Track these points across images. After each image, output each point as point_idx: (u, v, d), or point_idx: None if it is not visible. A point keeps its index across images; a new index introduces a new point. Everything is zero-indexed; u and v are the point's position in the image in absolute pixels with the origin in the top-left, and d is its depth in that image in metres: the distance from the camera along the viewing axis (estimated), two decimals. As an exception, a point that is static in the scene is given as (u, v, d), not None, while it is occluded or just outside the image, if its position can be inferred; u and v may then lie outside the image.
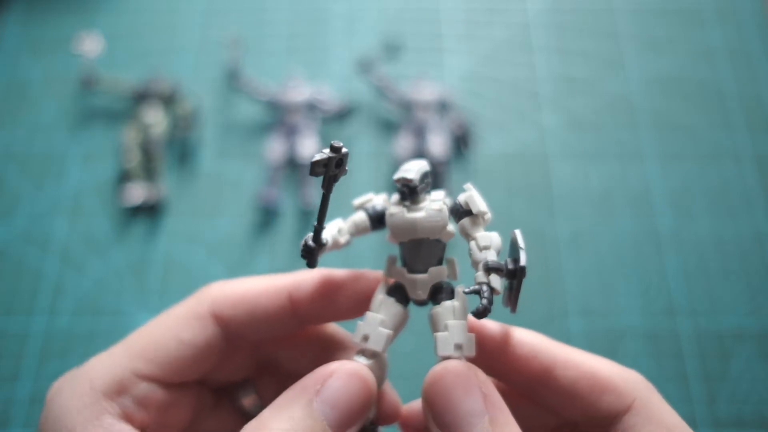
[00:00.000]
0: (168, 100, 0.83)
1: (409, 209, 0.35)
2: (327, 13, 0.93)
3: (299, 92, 0.83)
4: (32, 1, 0.94)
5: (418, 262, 0.35)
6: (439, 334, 0.33)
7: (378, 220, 0.37)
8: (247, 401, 0.41)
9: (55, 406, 0.33)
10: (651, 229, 0.77)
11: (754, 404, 0.67)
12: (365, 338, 0.34)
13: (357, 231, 0.37)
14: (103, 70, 0.86)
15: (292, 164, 0.81)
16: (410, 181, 0.34)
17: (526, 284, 0.75)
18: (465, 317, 0.34)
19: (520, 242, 0.34)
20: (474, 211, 0.35)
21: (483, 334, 0.36)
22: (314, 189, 0.78)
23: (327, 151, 0.30)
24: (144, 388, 0.34)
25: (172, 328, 0.36)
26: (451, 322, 0.33)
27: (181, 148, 0.83)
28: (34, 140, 0.83)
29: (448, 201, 0.36)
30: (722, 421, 0.66)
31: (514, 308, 0.35)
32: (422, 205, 0.35)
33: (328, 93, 0.84)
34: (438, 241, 0.36)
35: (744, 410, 0.67)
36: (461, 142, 0.81)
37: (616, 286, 0.74)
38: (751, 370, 0.69)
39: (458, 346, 0.33)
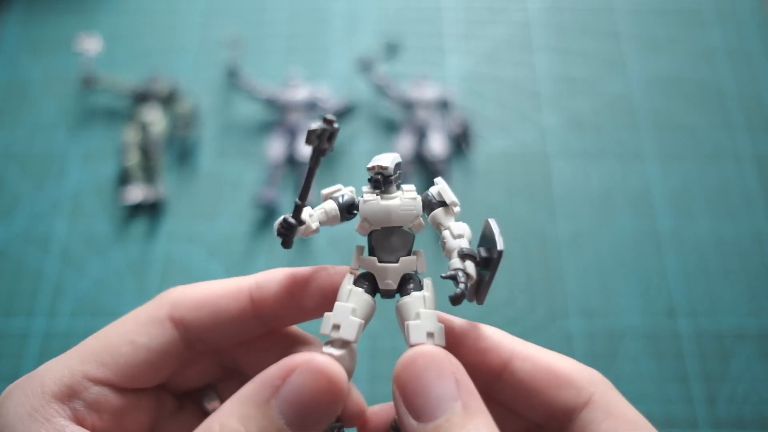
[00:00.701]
0: (168, 100, 0.83)
1: (383, 197, 0.35)
2: (327, 12, 0.93)
3: (299, 91, 0.83)
4: (32, 1, 0.94)
5: (389, 252, 0.35)
6: (411, 322, 0.33)
7: (347, 210, 0.37)
8: (211, 406, 0.40)
9: (4, 411, 0.32)
10: (651, 229, 0.77)
11: (754, 404, 0.67)
12: (336, 327, 0.33)
13: (327, 219, 0.36)
14: (102, 71, 0.86)
15: (291, 163, 0.81)
16: (385, 168, 0.35)
17: (528, 284, 0.75)
18: (435, 307, 0.34)
19: (496, 228, 0.34)
20: (447, 201, 0.35)
21: (450, 327, 0.35)
22: (314, 189, 0.78)
23: (321, 122, 0.30)
24: (96, 392, 0.33)
25: (127, 332, 0.35)
26: (423, 311, 0.33)
27: (180, 147, 0.83)
28: (34, 140, 0.83)
29: (419, 194, 0.36)
30: (722, 421, 0.66)
31: (481, 300, 0.35)
32: (395, 194, 0.36)
33: (328, 92, 0.83)
34: (409, 231, 0.36)
35: (744, 410, 0.67)
36: (462, 141, 0.81)
37: (617, 286, 0.73)
38: (751, 370, 0.69)
39: (430, 334, 0.32)
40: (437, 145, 0.79)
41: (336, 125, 0.30)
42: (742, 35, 0.90)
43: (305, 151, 0.79)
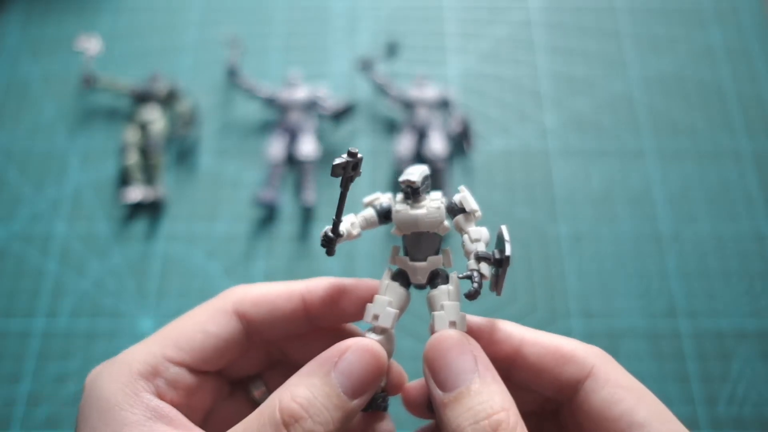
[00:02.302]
0: (167, 100, 0.83)
1: (412, 206, 0.41)
2: (327, 11, 0.93)
3: (299, 91, 0.82)
4: (32, 1, 0.94)
5: (419, 252, 0.41)
6: (436, 313, 0.39)
7: (384, 216, 0.42)
8: (258, 393, 0.46)
9: (97, 387, 0.38)
10: (652, 228, 0.77)
11: (754, 404, 0.67)
12: (375, 317, 0.40)
13: (367, 225, 0.43)
14: (102, 72, 0.86)
15: (291, 163, 0.81)
16: (413, 183, 0.40)
17: (529, 284, 0.75)
18: (458, 299, 0.40)
19: (506, 236, 0.39)
20: (467, 209, 0.41)
21: (469, 324, 0.41)
22: (314, 189, 0.78)
23: (345, 155, 0.36)
24: (174, 371, 0.39)
25: (200, 322, 0.41)
26: (447, 303, 0.39)
27: (180, 147, 0.83)
28: (34, 140, 0.83)
29: (445, 200, 0.42)
30: (723, 421, 0.66)
31: (499, 292, 0.40)
32: (423, 203, 0.41)
33: (328, 91, 0.83)
34: (436, 234, 0.41)
35: (744, 410, 0.67)
36: (464, 141, 0.81)
37: (617, 286, 0.73)
38: (751, 370, 0.69)
39: (452, 323, 0.39)
40: (437, 144, 0.78)
41: (359, 155, 0.36)
42: (742, 35, 0.90)
43: (305, 150, 0.79)
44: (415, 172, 0.40)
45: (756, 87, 0.86)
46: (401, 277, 0.42)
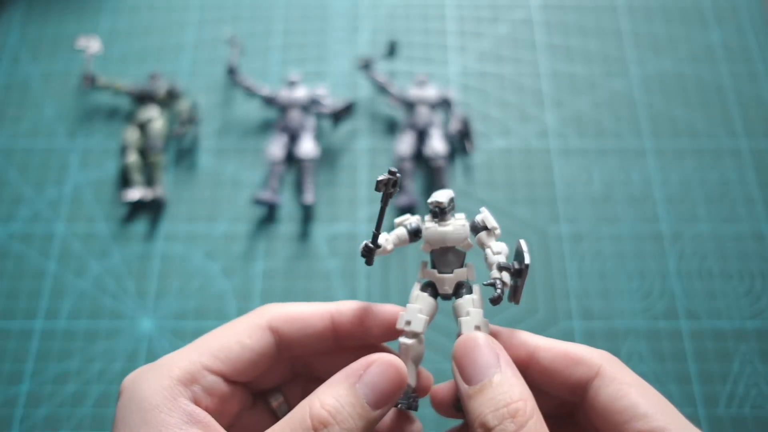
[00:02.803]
0: (167, 99, 0.83)
1: (440, 224, 0.46)
2: (327, 10, 0.93)
3: (298, 90, 0.82)
4: (32, 1, 0.94)
5: (446, 266, 0.47)
6: (463, 318, 0.44)
7: (414, 234, 0.48)
8: (275, 403, 0.49)
9: (138, 389, 0.40)
10: (653, 228, 0.77)
11: (754, 404, 0.67)
12: (408, 323, 0.45)
13: (399, 242, 0.48)
14: (102, 72, 0.86)
15: (291, 162, 0.81)
16: (441, 203, 0.46)
17: (533, 286, 0.75)
18: (482, 307, 0.45)
19: (525, 248, 0.44)
20: (489, 226, 0.47)
21: (492, 330, 0.45)
22: (313, 188, 0.78)
23: (387, 174, 0.41)
24: (211, 380, 0.42)
25: (237, 334, 0.44)
26: (472, 310, 0.44)
27: (179, 147, 0.82)
28: (34, 140, 0.83)
29: (467, 220, 0.47)
30: (723, 421, 0.66)
31: (517, 301, 0.46)
32: (449, 222, 0.46)
33: (328, 91, 0.83)
34: (461, 249, 0.47)
35: (744, 410, 0.67)
36: (466, 140, 0.80)
37: (618, 286, 0.73)
38: (751, 370, 0.68)
39: (477, 327, 0.44)
40: (438, 143, 0.78)
41: (398, 174, 0.42)
42: (742, 35, 0.90)
43: (305, 150, 0.79)
44: (443, 195, 0.46)
45: (756, 87, 0.86)
46: (430, 288, 0.47)
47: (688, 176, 0.80)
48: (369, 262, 0.46)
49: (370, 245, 0.45)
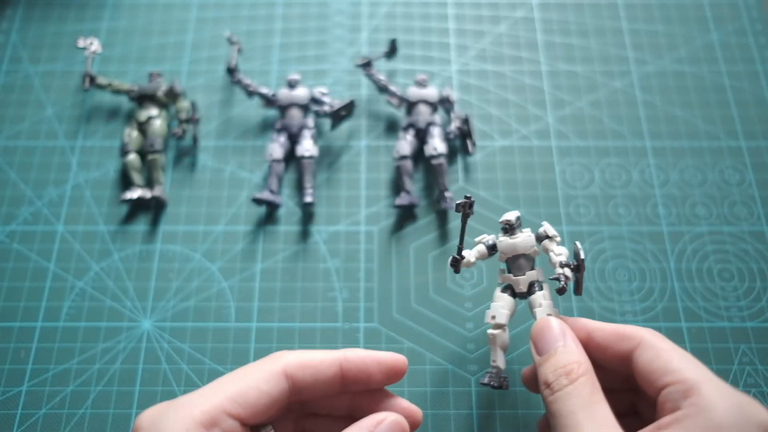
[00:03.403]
0: (167, 99, 0.83)
1: (511, 237, 0.59)
2: (327, 9, 0.93)
3: (298, 90, 0.82)
4: (32, 1, 0.94)
5: (519, 270, 0.58)
6: (537, 309, 0.56)
7: (491, 248, 0.60)
8: None
9: (160, 428, 0.43)
10: (653, 228, 0.77)
11: (756, 405, 0.67)
12: (493, 317, 0.58)
13: (480, 256, 0.60)
14: (102, 71, 0.86)
15: (291, 162, 0.81)
16: (510, 221, 0.59)
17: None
18: (551, 299, 0.56)
19: (580, 246, 0.57)
20: (550, 235, 0.59)
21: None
22: (314, 188, 0.78)
23: (464, 198, 0.54)
24: (230, 424, 0.44)
25: (255, 380, 0.46)
26: (544, 302, 0.56)
27: (179, 147, 0.82)
28: (35, 140, 0.83)
29: (532, 233, 0.59)
30: (724, 421, 0.66)
31: (580, 292, 0.58)
32: (518, 235, 0.59)
33: (328, 90, 0.83)
34: (529, 256, 0.58)
35: (746, 411, 0.66)
36: (468, 139, 0.80)
37: (619, 286, 0.73)
38: (751, 370, 0.68)
39: (549, 314, 0.55)
40: (438, 142, 0.78)
41: (473, 199, 0.54)
42: (742, 35, 0.90)
43: (304, 149, 0.79)
44: (511, 215, 0.59)
45: (756, 87, 0.86)
46: (508, 289, 0.59)
47: (687, 176, 0.80)
48: (456, 271, 0.59)
49: (457, 256, 0.58)
